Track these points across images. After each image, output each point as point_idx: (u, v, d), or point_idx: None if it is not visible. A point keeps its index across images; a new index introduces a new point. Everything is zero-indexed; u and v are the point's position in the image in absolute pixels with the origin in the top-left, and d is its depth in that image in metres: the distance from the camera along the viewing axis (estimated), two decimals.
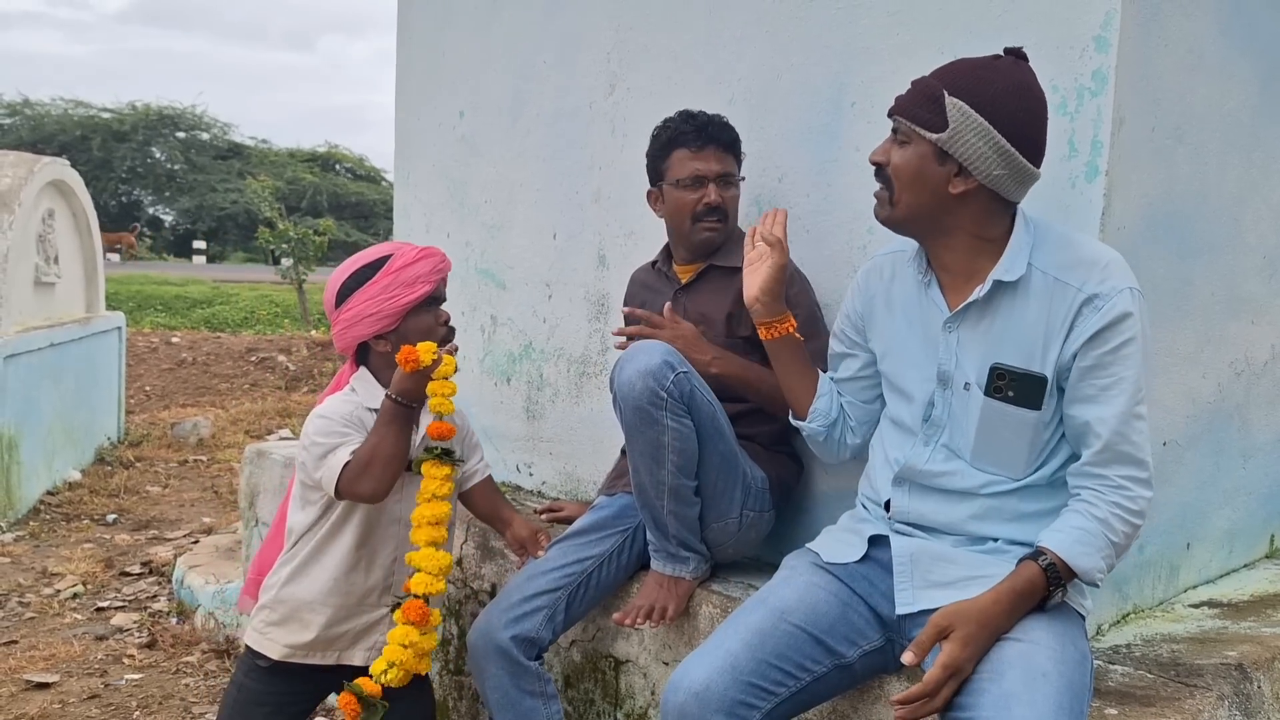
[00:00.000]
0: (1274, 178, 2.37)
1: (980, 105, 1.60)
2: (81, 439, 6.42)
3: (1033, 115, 1.63)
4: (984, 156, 1.62)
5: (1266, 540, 2.64)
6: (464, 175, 3.31)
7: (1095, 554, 1.59)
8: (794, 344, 2.00)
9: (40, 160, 6.00)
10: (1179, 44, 2.00)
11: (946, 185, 1.65)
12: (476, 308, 3.30)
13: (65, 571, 4.46)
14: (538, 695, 2.14)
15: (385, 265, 2.07)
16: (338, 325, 2.11)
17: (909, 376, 1.79)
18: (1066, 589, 1.60)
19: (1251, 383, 2.43)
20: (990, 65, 1.64)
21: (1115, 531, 1.60)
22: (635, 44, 2.73)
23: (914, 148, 1.66)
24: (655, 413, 1.98)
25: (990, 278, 1.66)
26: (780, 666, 1.67)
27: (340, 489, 2.00)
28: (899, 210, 1.70)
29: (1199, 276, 2.19)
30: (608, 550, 2.25)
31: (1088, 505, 1.62)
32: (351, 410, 2.08)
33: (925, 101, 1.64)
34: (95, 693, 3.28)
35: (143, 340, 10.52)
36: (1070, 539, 1.59)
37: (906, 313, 1.79)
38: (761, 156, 2.41)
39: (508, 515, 2.38)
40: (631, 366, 2.00)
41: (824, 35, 2.29)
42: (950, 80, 1.63)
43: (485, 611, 2.20)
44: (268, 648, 2.13)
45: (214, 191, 32.20)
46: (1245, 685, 1.82)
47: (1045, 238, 1.68)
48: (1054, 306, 1.63)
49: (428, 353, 2.01)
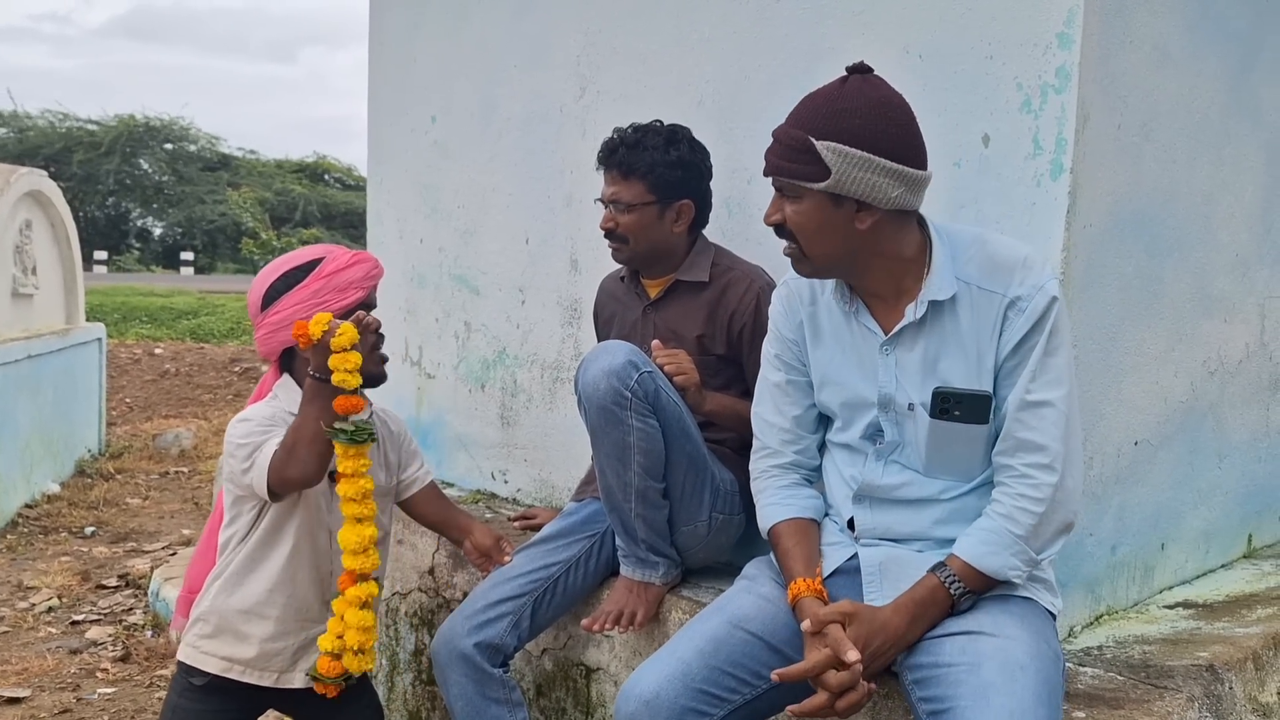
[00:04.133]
0: (1245, 175, 2.36)
1: (852, 138, 1.58)
2: (61, 451, 6.37)
3: (902, 125, 1.61)
4: (876, 185, 1.60)
5: (1244, 540, 2.62)
6: (436, 180, 3.29)
7: (1002, 552, 1.60)
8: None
9: (17, 170, 5.96)
10: (1144, 40, 1.99)
11: (852, 224, 1.63)
12: (450, 314, 3.27)
13: (41, 585, 4.42)
14: (503, 703, 2.12)
15: (316, 269, 2.00)
16: (262, 329, 2.02)
17: (849, 403, 1.77)
18: (977, 593, 1.62)
19: (1226, 381, 2.42)
20: (843, 94, 1.61)
21: (1020, 524, 1.60)
22: (604, 47, 2.71)
23: (807, 200, 1.63)
24: (620, 413, 1.96)
25: (923, 298, 1.65)
26: (734, 674, 1.66)
27: (271, 482, 1.91)
28: (816, 261, 1.68)
29: (1169, 275, 2.18)
30: (575, 555, 2.23)
31: (995, 504, 1.64)
32: (273, 413, 2.01)
33: (798, 154, 1.61)
34: (67, 707, 3.24)
35: (125, 351, 10.46)
36: (974, 542, 1.62)
37: (837, 339, 1.77)
38: (730, 159, 2.39)
39: (464, 523, 2.31)
40: (595, 366, 1.98)
41: (790, 37, 2.28)
42: (812, 124, 1.61)
43: (449, 619, 2.18)
44: (203, 662, 2.04)
45: (202, 203, 32.07)
46: (1216, 686, 1.80)
47: (959, 245, 1.67)
48: (982, 316, 1.63)
49: (318, 325, 1.86)
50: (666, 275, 2.30)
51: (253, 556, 2.03)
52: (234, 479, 1.99)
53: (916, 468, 1.72)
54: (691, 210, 2.26)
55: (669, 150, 2.21)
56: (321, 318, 1.88)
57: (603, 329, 2.51)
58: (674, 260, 2.29)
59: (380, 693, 2.80)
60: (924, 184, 1.65)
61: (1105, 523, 2.10)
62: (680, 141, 2.24)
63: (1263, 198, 2.44)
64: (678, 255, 2.29)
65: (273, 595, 2.03)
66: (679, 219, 2.25)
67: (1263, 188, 2.44)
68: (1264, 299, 2.52)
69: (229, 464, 1.99)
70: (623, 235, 2.24)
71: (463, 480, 3.24)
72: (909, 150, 1.61)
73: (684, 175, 2.23)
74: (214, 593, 2.06)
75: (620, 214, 2.23)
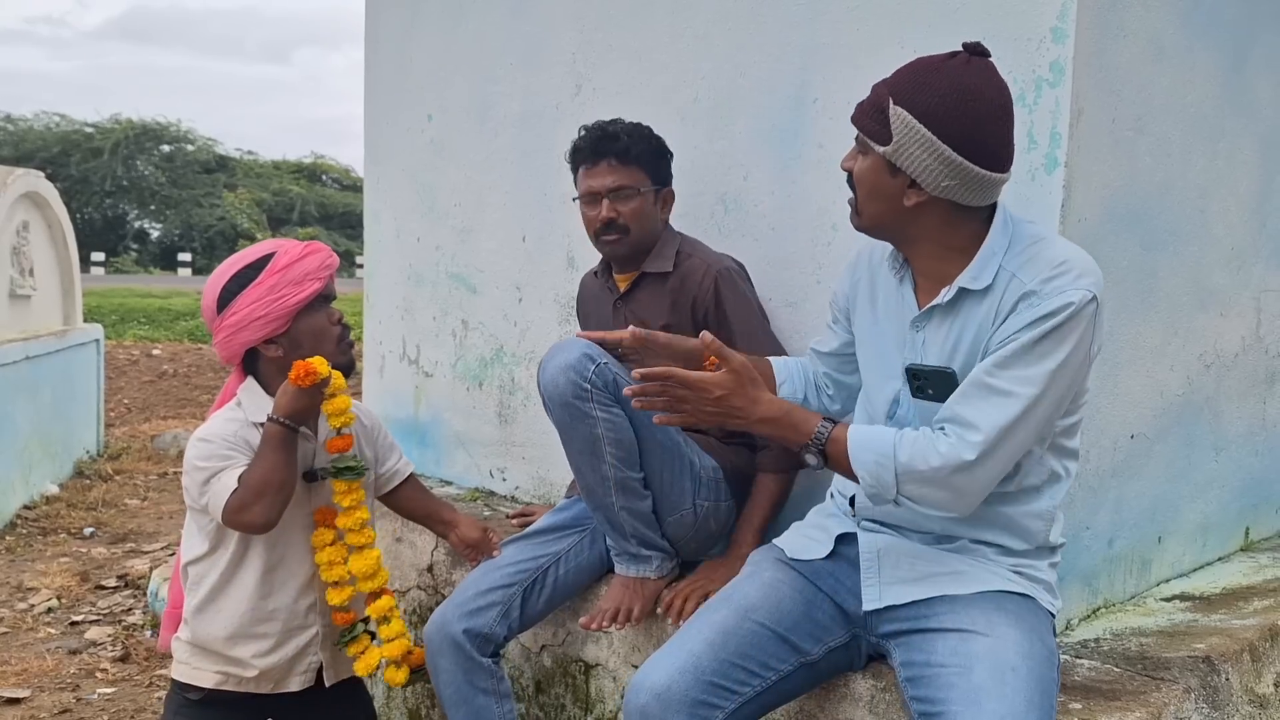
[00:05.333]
0: (1239, 169, 2.37)
1: (922, 114, 1.53)
2: (59, 452, 6.36)
3: (980, 120, 1.53)
4: (930, 169, 1.54)
5: (1241, 533, 2.63)
6: (433, 179, 3.29)
7: (870, 451, 1.59)
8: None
9: (14, 172, 5.95)
10: (1138, 34, 2.00)
11: (901, 198, 1.59)
12: (448, 312, 3.28)
13: (40, 586, 4.41)
14: (491, 693, 2.13)
15: (269, 264, 1.93)
16: (221, 332, 1.95)
17: (878, 369, 1.76)
18: (820, 460, 1.63)
19: (1222, 375, 2.42)
20: (936, 68, 1.55)
21: (905, 452, 1.56)
22: (600, 44, 2.72)
23: (870, 159, 1.61)
24: (583, 405, 1.98)
25: (956, 284, 1.61)
26: (744, 665, 1.65)
27: (226, 521, 1.87)
28: (865, 219, 1.67)
29: (1164, 269, 2.18)
30: (565, 548, 2.25)
31: (909, 429, 1.62)
32: (235, 430, 1.94)
33: (874, 111, 1.59)
34: (67, 707, 3.24)
35: (123, 353, 10.46)
36: (864, 431, 1.63)
37: (886, 304, 1.76)
38: (725, 155, 2.40)
39: (449, 516, 2.27)
40: (552, 364, 2.00)
41: (785, 33, 2.28)
42: (897, 87, 1.57)
43: (441, 607, 2.19)
44: (198, 677, 1.99)
45: (199, 205, 32.09)
46: (1213, 678, 1.81)
47: (1019, 239, 1.61)
48: (1005, 302, 1.58)
49: (324, 364, 1.89)
50: (635, 268, 2.31)
51: (227, 575, 1.97)
52: (191, 498, 1.94)
53: None
54: (673, 197, 2.31)
55: (652, 138, 2.27)
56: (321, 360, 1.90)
57: (583, 323, 2.53)
58: (648, 250, 2.30)
59: (380, 691, 2.81)
60: (987, 185, 1.56)
61: (1102, 516, 2.10)
62: (653, 132, 2.29)
63: (1257, 191, 2.45)
64: (651, 245, 2.30)
65: (256, 612, 1.97)
66: (665, 206, 2.30)
67: (1257, 181, 2.44)
68: (1259, 292, 2.53)
69: (186, 481, 1.94)
70: (624, 225, 2.23)
71: (461, 478, 3.24)
72: (979, 146, 1.53)
73: (666, 162, 2.30)
74: (194, 620, 1.99)
75: (621, 203, 2.23)
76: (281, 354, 1.95)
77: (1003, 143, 1.57)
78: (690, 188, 2.48)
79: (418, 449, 3.40)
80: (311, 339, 1.95)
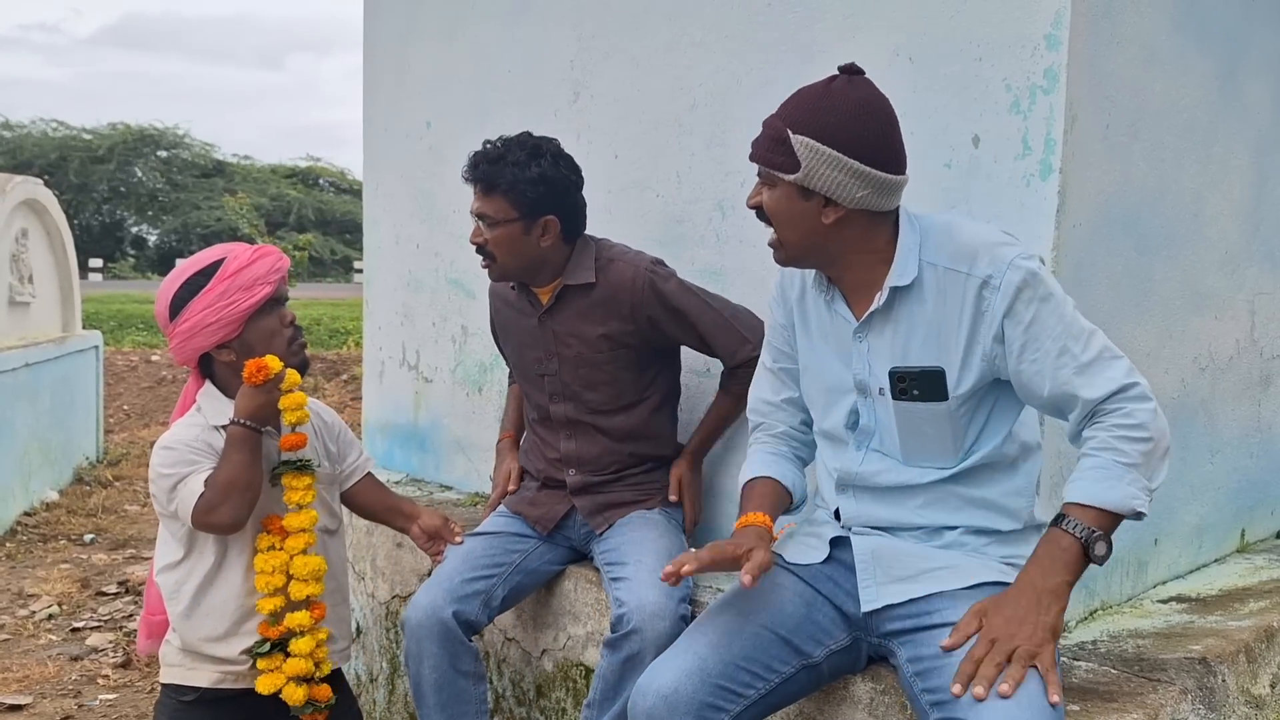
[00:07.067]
0: (1233, 173, 2.39)
1: (827, 136, 1.61)
2: (59, 459, 6.38)
3: (879, 130, 1.64)
4: (842, 185, 1.63)
5: (1237, 535, 2.64)
6: (432, 185, 3.31)
7: (1116, 482, 1.56)
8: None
9: (12, 179, 5.97)
10: (1131, 41, 2.01)
11: (819, 217, 1.66)
12: (447, 318, 3.29)
13: (41, 592, 4.43)
14: (470, 675, 2.20)
15: (219, 270, 1.94)
16: (175, 339, 1.96)
17: (830, 390, 1.81)
18: (1106, 534, 1.56)
19: (1217, 378, 2.44)
20: (826, 92, 1.64)
21: (1125, 454, 1.56)
22: (598, 51, 2.73)
23: (779, 189, 1.68)
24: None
25: (886, 285, 1.68)
26: (748, 668, 1.67)
27: (195, 524, 1.89)
28: (789, 249, 1.73)
29: (1158, 273, 2.20)
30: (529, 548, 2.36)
31: (1091, 442, 1.60)
32: (197, 434, 1.95)
33: (774, 144, 1.66)
34: (69, 713, 3.25)
35: (122, 359, 10.46)
36: (1084, 482, 1.58)
37: (820, 328, 1.81)
38: (722, 161, 2.41)
39: (409, 509, 2.29)
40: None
41: (781, 40, 2.30)
42: (792, 118, 1.65)
43: (425, 590, 2.22)
44: (194, 677, 1.99)
45: (197, 210, 32.10)
46: (1209, 679, 1.82)
47: (930, 231, 1.70)
48: (949, 296, 1.65)
49: (276, 361, 1.92)
50: (554, 281, 2.29)
51: (209, 577, 1.98)
52: (160, 505, 1.95)
53: (895, 455, 1.75)
54: (557, 226, 2.22)
55: (530, 166, 2.17)
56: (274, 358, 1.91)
57: (500, 335, 2.52)
58: (555, 268, 2.27)
59: (381, 695, 2.82)
60: (894, 188, 1.67)
61: None
62: (543, 156, 2.20)
63: (1251, 195, 2.47)
64: (557, 264, 2.27)
65: (244, 609, 1.98)
66: (545, 234, 2.22)
67: (1251, 185, 2.46)
68: (1253, 295, 2.54)
69: (153, 489, 1.95)
70: (490, 251, 2.23)
71: (461, 483, 3.26)
72: (882, 154, 1.64)
73: (546, 191, 2.19)
74: (184, 625, 1.98)
75: (488, 229, 2.21)
76: (234, 358, 1.95)
77: (899, 147, 1.67)
78: (687, 194, 2.50)
79: (417, 454, 3.42)
80: (264, 343, 1.96)
